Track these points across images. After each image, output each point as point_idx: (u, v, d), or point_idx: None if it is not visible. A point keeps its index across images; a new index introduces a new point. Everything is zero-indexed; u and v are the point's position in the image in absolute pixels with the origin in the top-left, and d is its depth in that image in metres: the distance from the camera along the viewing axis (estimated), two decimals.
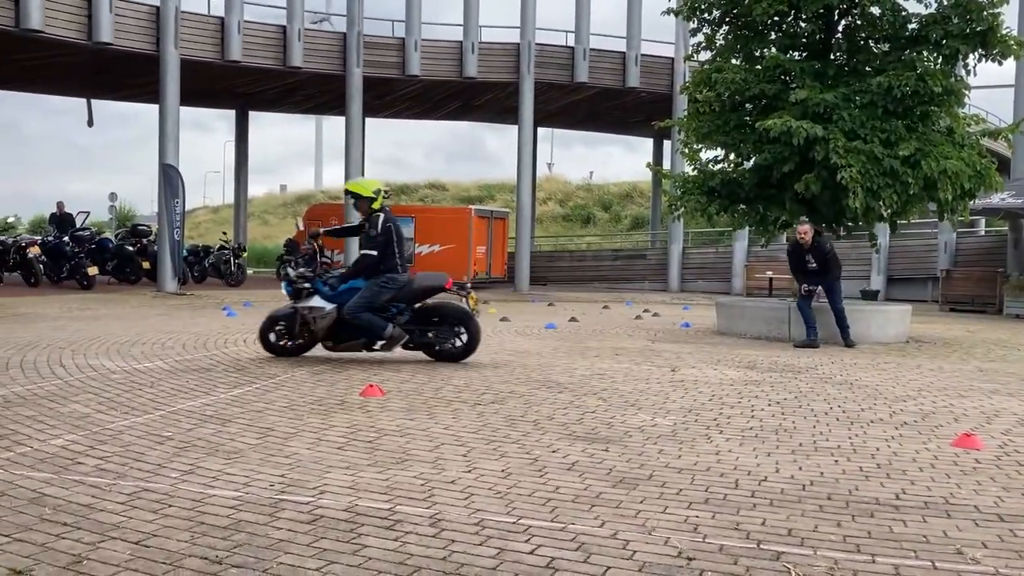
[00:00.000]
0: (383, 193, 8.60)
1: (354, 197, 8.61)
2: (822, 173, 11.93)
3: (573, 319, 15.13)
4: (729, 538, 3.75)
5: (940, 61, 12.73)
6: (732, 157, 13.60)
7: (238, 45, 22.25)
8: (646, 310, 18.10)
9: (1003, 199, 18.92)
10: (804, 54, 13.48)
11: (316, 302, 8.54)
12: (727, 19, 13.59)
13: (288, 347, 8.85)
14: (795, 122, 11.69)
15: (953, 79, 12.40)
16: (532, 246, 27.33)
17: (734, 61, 13.55)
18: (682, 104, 19.49)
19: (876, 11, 12.89)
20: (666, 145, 28.95)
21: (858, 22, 13.27)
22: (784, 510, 4.17)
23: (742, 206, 13.43)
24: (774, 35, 13.57)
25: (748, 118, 13.14)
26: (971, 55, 12.60)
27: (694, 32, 14.08)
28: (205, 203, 58.34)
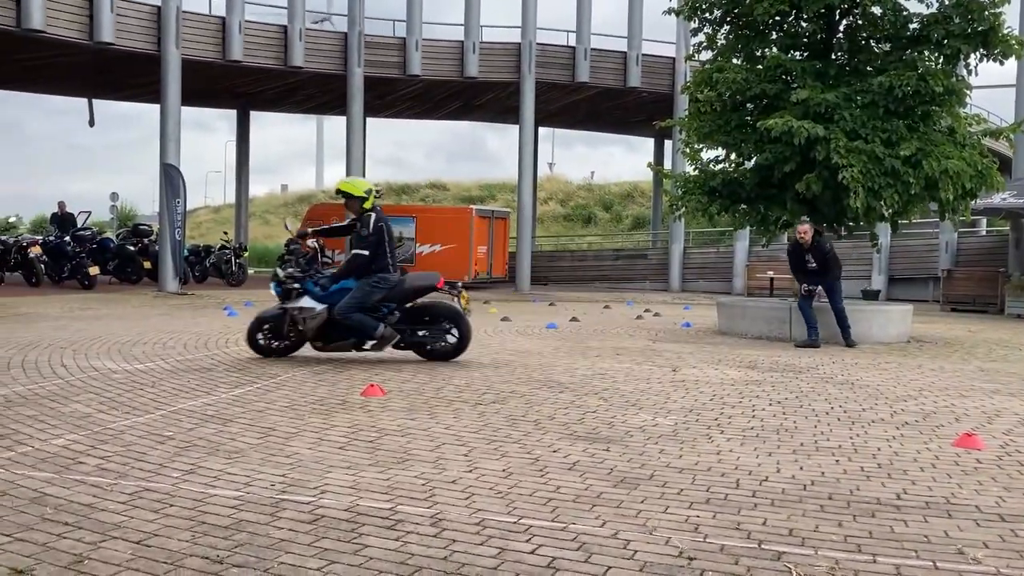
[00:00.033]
0: (375, 193, 8.59)
1: (345, 196, 8.59)
2: (823, 173, 11.93)
3: (574, 319, 15.12)
4: (730, 538, 3.75)
5: (941, 61, 12.73)
6: (733, 157, 13.60)
7: (239, 45, 22.25)
8: (647, 310, 18.10)
9: (1004, 199, 18.90)
10: (805, 54, 13.48)
11: (306, 302, 8.49)
12: (728, 19, 13.59)
13: (276, 348, 8.80)
14: (796, 122, 11.69)
15: (954, 79, 12.39)
16: (533, 246, 27.32)
17: (735, 61, 13.54)
18: (683, 104, 19.47)
19: (877, 11, 12.88)
20: (667, 145, 28.92)
21: (859, 22, 13.27)
22: (785, 510, 4.18)
23: (743, 206, 13.43)
24: (775, 35, 13.57)
25: (749, 118, 13.14)
26: (972, 55, 12.60)
27: (695, 32, 14.07)
28: (206, 203, 58.39)
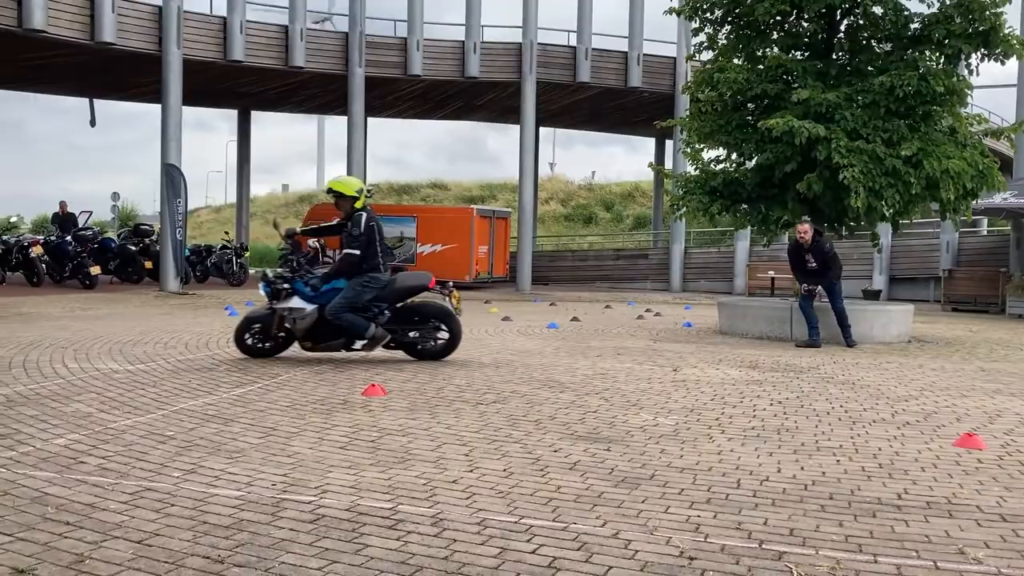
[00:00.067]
0: (365, 192, 8.59)
1: (336, 196, 8.58)
2: (824, 173, 11.93)
3: (575, 319, 15.12)
4: (731, 538, 3.75)
5: (942, 61, 12.73)
6: (734, 157, 13.60)
7: (240, 45, 22.25)
8: (648, 310, 18.09)
9: (1005, 199, 18.89)
10: (806, 54, 13.49)
11: (296, 303, 8.44)
12: (729, 19, 13.58)
13: (263, 348, 8.74)
14: (797, 122, 11.69)
15: (955, 79, 12.38)
16: (534, 246, 27.32)
17: (736, 61, 13.53)
18: (684, 104, 19.46)
19: (878, 11, 12.87)
20: (668, 145, 28.92)
21: (860, 22, 13.25)
22: (786, 510, 4.18)
23: (744, 206, 13.42)
24: (776, 35, 13.56)
25: (750, 118, 13.15)
26: (973, 55, 12.60)
27: (696, 32, 14.05)
28: (207, 203, 58.43)
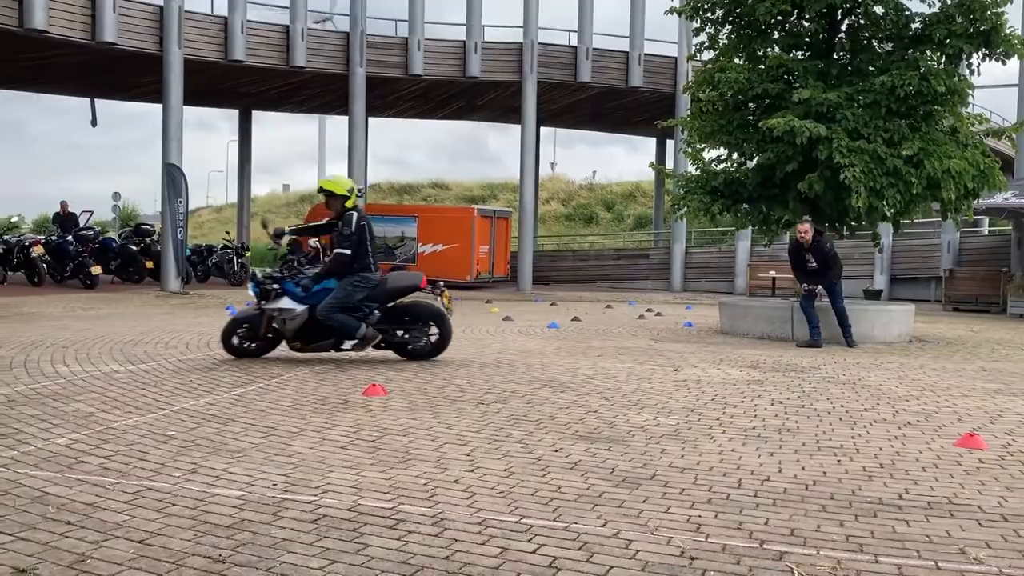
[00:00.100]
0: (356, 192, 8.60)
1: (327, 195, 8.54)
2: (825, 173, 11.93)
3: (576, 318, 15.12)
4: (732, 538, 3.75)
5: (944, 61, 12.72)
6: (735, 156, 13.59)
7: (242, 45, 22.26)
8: (649, 309, 18.09)
9: (1007, 199, 18.89)
10: (807, 54, 13.48)
11: (286, 303, 8.40)
12: (730, 19, 13.57)
13: (250, 349, 8.68)
14: (798, 121, 11.69)
15: (957, 79, 12.37)
16: (535, 246, 27.31)
17: (737, 61, 13.53)
18: (685, 104, 19.47)
19: (879, 11, 12.87)
20: (669, 145, 28.90)
21: (861, 22, 13.25)
22: (787, 510, 4.17)
23: (745, 206, 13.42)
24: (777, 35, 13.56)
25: (751, 118, 13.14)
26: (975, 54, 12.59)
27: (697, 32, 14.04)
28: (208, 203, 58.44)
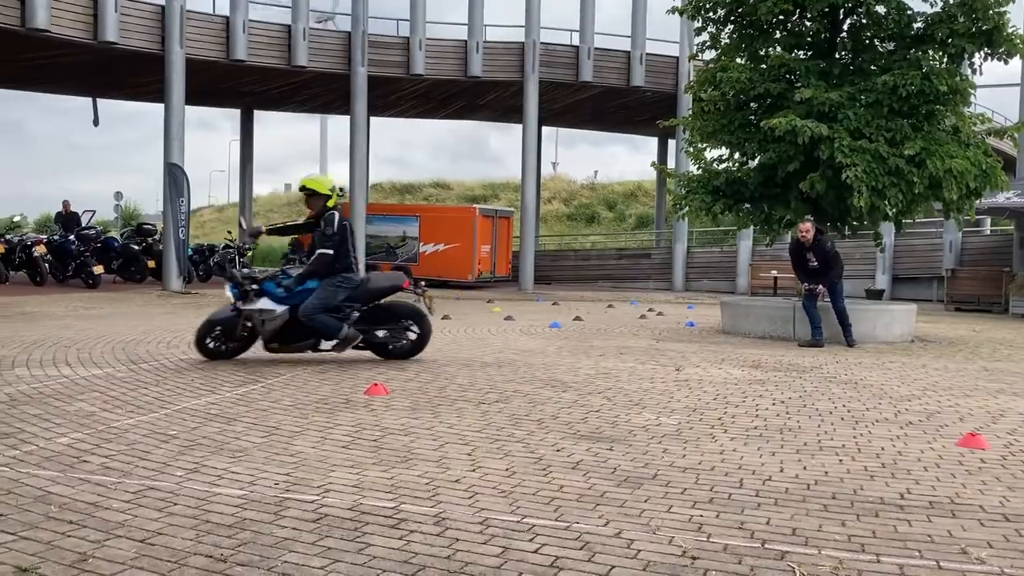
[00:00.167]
0: (338, 192, 8.60)
1: (309, 193, 8.51)
2: (827, 172, 11.92)
3: (577, 318, 15.12)
4: (733, 537, 3.75)
5: (946, 60, 12.71)
6: (737, 156, 13.58)
7: (243, 44, 22.26)
8: (651, 309, 18.09)
9: (1009, 198, 18.88)
10: (809, 53, 13.47)
11: (265, 304, 8.31)
12: (732, 18, 13.56)
13: (225, 350, 8.56)
14: (800, 121, 11.68)
15: (959, 78, 12.37)
16: (536, 245, 27.31)
17: (739, 60, 13.52)
18: (687, 103, 19.43)
19: (881, 10, 12.87)
20: (671, 144, 28.89)
21: (863, 21, 13.24)
22: (788, 509, 4.17)
23: (747, 205, 13.41)
24: (779, 34, 13.54)
25: (753, 117, 13.14)
26: (977, 54, 12.58)
27: (699, 31, 14.02)
28: (210, 202, 58.52)
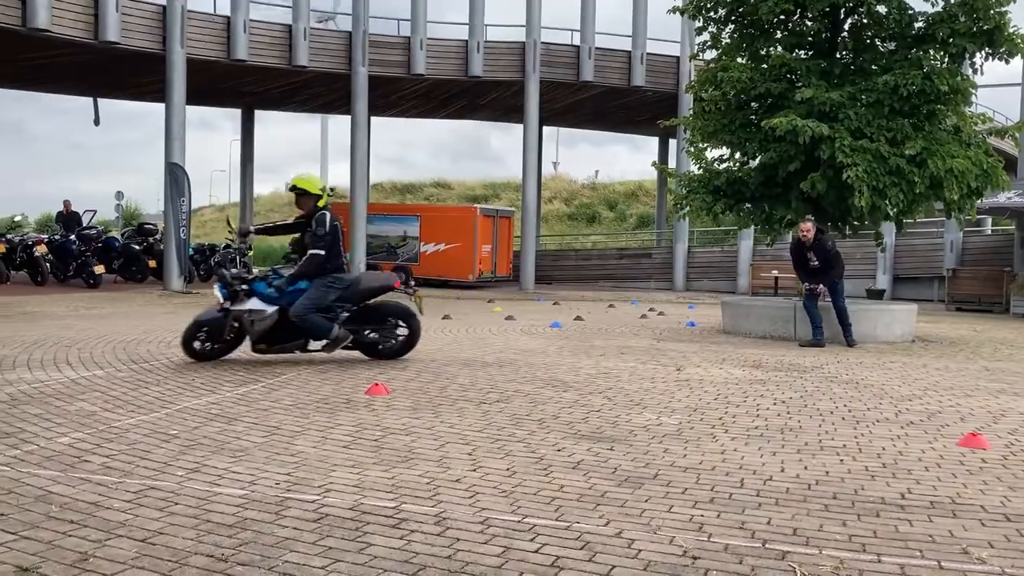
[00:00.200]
0: (328, 192, 8.60)
1: (300, 193, 8.52)
2: (828, 172, 11.92)
3: (578, 318, 15.12)
4: (734, 537, 3.75)
5: (947, 60, 12.70)
6: (737, 156, 13.58)
7: (244, 44, 22.28)
8: (651, 309, 18.09)
9: (1010, 198, 18.88)
10: (810, 53, 13.47)
11: (255, 304, 8.30)
12: (733, 18, 13.56)
13: (211, 351, 8.53)
14: (801, 121, 11.68)
15: (960, 78, 12.36)
16: (537, 245, 27.33)
17: (740, 60, 13.51)
18: (688, 103, 19.44)
19: (882, 10, 12.86)
20: (672, 144, 28.90)
21: (864, 21, 13.24)
22: (789, 509, 4.17)
23: (747, 205, 13.42)
24: (780, 34, 13.54)
25: (754, 117, 13.13)
26: (978, 54, 12.57)
27: (699, 31, 14.03)
28: (211, 202, 58.55)
